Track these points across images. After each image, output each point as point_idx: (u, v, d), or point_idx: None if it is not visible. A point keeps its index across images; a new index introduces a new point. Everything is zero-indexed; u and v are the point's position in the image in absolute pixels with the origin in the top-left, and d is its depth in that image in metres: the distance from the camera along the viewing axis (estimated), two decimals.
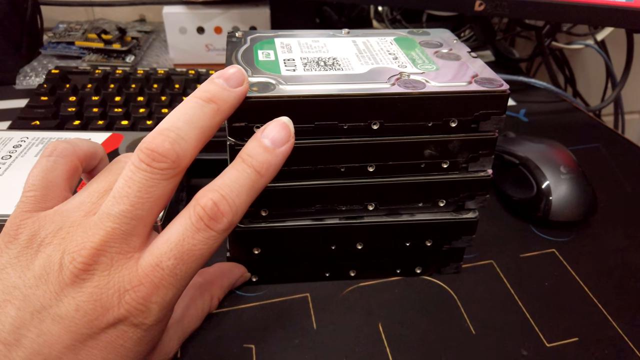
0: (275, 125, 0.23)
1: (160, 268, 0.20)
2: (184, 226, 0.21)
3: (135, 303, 0.20)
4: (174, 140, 0.20)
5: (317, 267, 0.31)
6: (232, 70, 0.23)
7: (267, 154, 0.22)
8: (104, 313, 0.20)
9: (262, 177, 0.22)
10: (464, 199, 0.29)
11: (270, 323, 0.29)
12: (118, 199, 0.20)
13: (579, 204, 0.36)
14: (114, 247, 0.20)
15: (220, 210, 0.21)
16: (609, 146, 0.47)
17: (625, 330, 0.29)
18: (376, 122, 0.26)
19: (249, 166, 0.22)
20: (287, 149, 0.23)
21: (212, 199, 0.21)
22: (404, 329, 0.29)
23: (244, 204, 0.22)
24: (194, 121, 0.21)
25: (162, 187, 0.21)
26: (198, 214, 0.21)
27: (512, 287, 0.32)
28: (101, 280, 0.20)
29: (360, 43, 0.31)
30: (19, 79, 0.52)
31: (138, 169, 0.20)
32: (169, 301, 0.21)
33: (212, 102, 0.22)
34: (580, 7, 0.47)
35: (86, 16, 0.66)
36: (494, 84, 0.26)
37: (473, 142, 0.27)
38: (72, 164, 0.24)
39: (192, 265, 0.21)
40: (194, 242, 0.21)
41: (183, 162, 0.21)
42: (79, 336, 0.20)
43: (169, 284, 0.21)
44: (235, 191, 0.21)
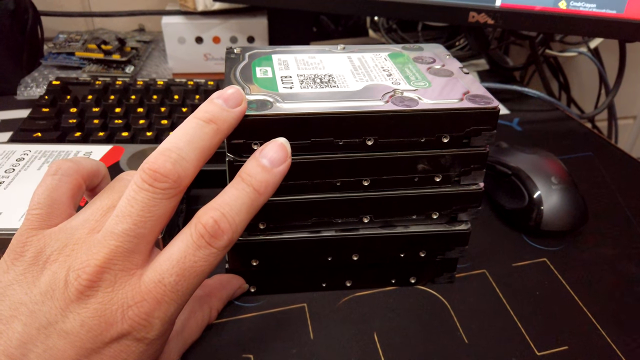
0: (273, 146, 0.24)
1: (163, 284, 0.21)
2: (185, 244, 0.22)
3: (138, 318, 0.21)
4: (175, 161, 0.21)
5: (314, 277, 0.32)
6: (230, 91, 0.24)
7: (265, 174, 0.23)
8: (108, 328, 0.21)
9: (260, 196, 0.23)
10: (456, 212, 0.30)
11: (269, 333, 0.30)
12: (121, 217, 0.21)
13: (569, 214, 0.36)
14: (117, 265, 0.21)
15: (221, 228, 0.22)
16: (601, 155, 0.47)
17: (614, 339, 0.30)
18: (371, 138, 0.27)
19: (248, 185, 0.23)
20: (284, 168, 0.24)
21: (213, 217, 0.22)
22: (399, 338, 0.30)
23: (244, 222, 0.23)
24: (194, 141, 0.22)
25: (164, 206, 0.21)
26: (199, 232, 0.21)
27: (504, 297, 0.32)
28: (105, 296, 0.21)
29: (355, 59, 0.32)
30: (20, 89, 0.52)
31: (140, 189, 0.21)
32: (170, 316, 0.22)
33: (212, 123, 0.23)
34: (572, 19, 0.48)
35: (86, 26, 0.67)
36: (485, 101, 0.27)
37: (465, 156, 0.28)
38: (76, 182, 0.25)
39: (193, 282, 0.22)
40: (195, 259, 0.21)
41: (184, 181, 0.22)
42: (83, 351, 0.21)
43: (170, 299, 0.21)
44: (236, 209, 0.22)
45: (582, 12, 0.47)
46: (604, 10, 0.47)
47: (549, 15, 0.48)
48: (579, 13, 0.47)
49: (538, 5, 0.48)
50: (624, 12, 0.47)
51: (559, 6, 0.48)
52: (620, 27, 0.47)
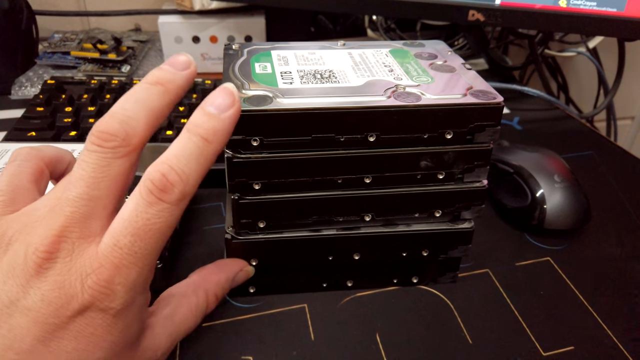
0: (219, 92, 0.23)
1: (118, 247, 0.20)
2: (135, 202, 0.21)
3: (98, 287, 0.20)
4: (121, 120, 0.21)
5: (315, 277, 0.31)
6: (179, 57, 0.24)
7: (212, 120, 0.22)
8: (69, 300, 0.20)
9: (210, 144, 0.22)
10: (459, 209, 0.30)
11: (269, 334, 0.29)
12: (74, 182, 0.21)
13: (573, 212, 0.36)
14: (74, 232, 0.20)
15: (170, 180, 0.21)
16: (602, 154, 0.47)
17: (620, 338, 0.29)
18: (372, 135, 0.26)
19: (195, 134, 0.22)
20: (232, 113, 0.23)
21: (160, 170, 0.21)
22: (401, 339, 0.29)
23: (195, 173, 0.22)
24: (140, 101, 0.22)
25: (117, 166, 0.21)
26: (147, 187, 0.21)
27: (508, 296, 0.32)
28: (63, 267, 0.20)
29: (356, 55, 0.31)
30: (15, 89, 0.52)
31: (90, 152, 0.21)
32: (133, 281, 0.21)
33: (159, 84, 0.23)
34: (572, 17, 0.47)
35: (81, 26, 0.66)
36: (489, 96, 0.27)
37: (468, 153, 0.28)
38: (37, 166, 0.24)
39: (151, 242, 0.21)
40: (147, 217, 0.21)
41: (134, 139, 0.21)
42: (47, 326, 0.20)
43: (129, 263, 0.21)
44: (184, 160, 0.21)
45: (582, 10, 0.47)
46: (604, 8, 0.47)
47: (548, 14, 0.48)
48: (579, 11, 0.47)
49: (538, 4, 0.48)
50: (625, 10, 0.46)
51: (559, 4, 0.47)
52: (621, 26, 0.47)
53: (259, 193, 0.27)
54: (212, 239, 0.35)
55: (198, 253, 0.34)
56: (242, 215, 0.28)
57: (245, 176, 0.27)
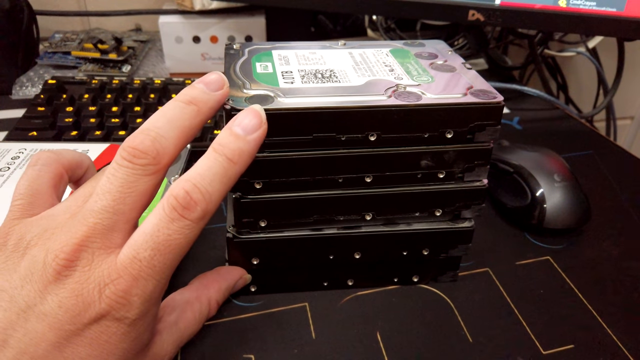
0: (247, 114, 0.23)
1: (138, 260, 0.21)
2: (158, 217, 0.21)
3: (116, 297, 0.20)
4: (154, 138, 0.21)
5: (316, 276, 0.31)
6: (212, 77, 0.24)
7: (239, 142, 0.23)
8: (86, 308, 0.20)
9: (235, 165, 0.22)
10: (460, 209, 0.30)
11: (269, 333, 0.29)
12: (100, 195, 0.21)
13: (573, 212, 0.36)
14: (96, 243, 0.21)
15: (193, 199, 0.21)
16: (602, 153, 0.47)
17: (620, 337, 0.30)
18: (373, 134, 0.26)
19: (221, 154, 0.22)
20: (259, 135, 0.23)
21: (184, 188, 0.21)
22: (402, 338, 0.29)
23: (218, 192, 0.22)
24: (173, 121, 0.22)
25: (144, 183, 0.21)
26: (171, 204, 0.21)
27: (508, 295, 0.32)
28: (82, 275, 0.20)
29: (356, 55, 0.31)
30: (15, 89, 0.52)
31: (120, 166, 0.21)
32: (149, 293, 0.21)
33: (192, 104, 0.23)
34: (572, 17, 0.47)
35: (82, 26, 0.66)
36: (489, 95, 0.27)
37: (468, 152, 0.28)
38: (57, 171, 0.25)
39: (170, 256, 0.21)
40: (169, 232, 0.21)
41: (164, 159, 0.22)
42: (63, 333, 0.20)
43: (147, 275, 0.21)
44: (208, 179, 0.22)
45: (582, 10, 0.47)
46: (603, 8, 0.47)
47: (548, 13, 0.48)
48: (579, 11, 0.47)
49: (538, 3, 0.48)
50: (624, 10, 0.46)
51: (558, 4, 0.48)
52: (620, 25, 0.47)
53: (260, 192, 0.27)
54: (213, 239, 0.35)
55: (199, 252, 0.34)
56: (243, 214, 0.28)
57: (247, 175, 0.27)
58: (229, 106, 0.25)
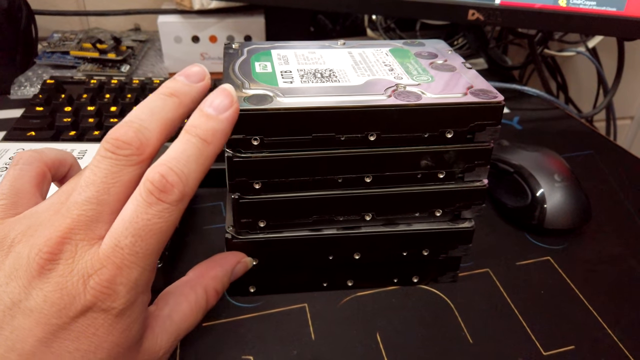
0: (218, 93, 0.23)
1: (120, 248, 0.21)
2: (135, 203, 0.21)
3: (100, 287, 0.20)
4: (137, 130, 0.21)
5: (315, 277, 0.31)
6: (193, 69, 0.24)
7: (210, 122, 0.22)
8: (72, 301, 0.20)
9: (209, 145, 0.22)
10: (460, 209, 0.29)
11: (269, 334, 0.29)
12: (84, 187, 0.21)
13: (573, 212, 0.36)
14: (79, 234, 0.21)
15: (169, 181, 0.21)
16: (602, 153, 0.47)
17: (620, 337, 0.29)
18: (373, 134, 0.26)
19: (194, 135, 0.22)
20: (230, 114, 0.23)
21: (159, 172, 0.21)
22: (402, 339, 0.29)
23: (194, 174, 0.22)
24: (155, 112, 0.22)
25: (128, 173, 0.21)
26: (147, 188, 0.21)
27: (509, 296, 0.32)
28: (66, 268, 0.20)
29: (356, 54, 0.31)
30: (14, 89, 0.52)
31: (104, 158, 0.21)
32: (135, 281, 0.21)
33: (174, 96, 0.23)
34: (572, 17, 0.47)
35: (81, 25, 0.66)
36: (489, 95, 0.27)
37: (469, 152, 0.28)
38: (39, 169, 0.25)
39: (152, 242, 0.21)
40: (148, 217, 0.21)
41: (147, 149, 0.22)
42: (49, 327, 0.20)
43: (130, 262, 0.21)
44: (183, 161, 0.21)
45: (582, 9, 0.47)
46: (603, 7, 0.47)
47: (548, 13, 0.48)
48: (579, 10, 0.47)
49: (538, 3, 0.48)
50: (624, 9, 0.46)
51: (558, 4, 0.47)
52: (621, 25, 0.47)
53: (259, 192, 0.27)
54: (212, 239, 0.35)
55: (198, 253, 0.34)
56: (242, 215, 0.28)
57: (246, 175, 0.27)
58: None
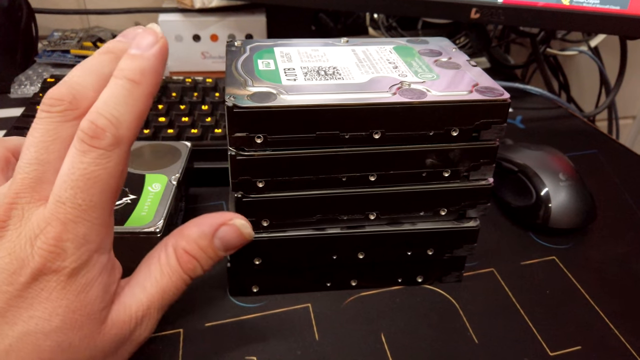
0: (141, 34, 0.23)
1: (61, 203, 0.20)
2: (71, 155, 0.21)
3: (47, 246, 0.20)
4: (69, 85, 0.21)
5: (319, 277, 0.31)
6: (133, 30, 0.24)
7: (136, 60, 0.22)
8: (21, 265, 0.20)
9: (138, 85, 0.22)
10: (465, 208, 0.29)
11: (272, 334, 0.29)
12: (25, 150, 0.21)
13: (578, 211, 0.36)
14: (24, 198, 0.20)
15: (99, 126, 0.20)
16: (606, 152, 0.47)
17: (627, 338, 0.29)
18: (377, 132, 0.26)
19: (121, 78, 0.22)
20: (157, 50, 0.22)
21: (88, 119, 0.21)
22: (407, 339, 0.29)
23: (126, 115, 0.21)
24: (89, 68, 0.22)
25: (66, 129, 0.21)
26: (79, 138, 0.21)
27: (514, 295, 0.32)
28: (14, 232, 0.20)
29: (359, 52, 0.31)
30: (14, 87, 0.51)
31: (39, 118, 0.21)
32: (82, 236, 0.21)
33: (109, 52, 0.23)
34: (574, 15, 0.47)
35: (81, 24, 0.66)
36: (495, 92, 0.26)
37: (474, 151, 0.27)
38: (2, 154, 0.25)
39: (93, 192, 0.21)
40: (83, 166, 0.20)
41: (82, 102, 0.21)
42: (2, 295, 0.20)
43: (74, 217, 0.20)
44: (111, 104, 0.21)
45: (585, 8, 0.47)
46: (607, 6, 0.46)
47: (551, 12, 0.47)
48: (582, 9, 0.47)
49: (541, 1, 0.47)
50: (628, 8, 0.46)
51: (561, 2, 0.47)
52: (624, 23, 0.47)
53: (263, 191, 0.27)
54: None
55: None
56: (245, 214, 0.27)
57: (249, 174, 0.26)
58: (230, 103, 0.24)
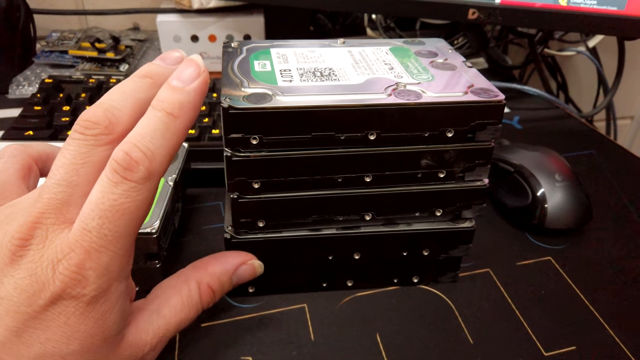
0: (184, 65, 0.23)
1: (87, 231, 0.20)
2: (101, 184, 0.20)
3: (69, 272, 0.20)
4: (106, 109, 0.21)
5: (314, 277, 0.31)
6: (172, 54, 0.24)
7: (177, 94, 0.22)
8: (41, 288, 0.20)
9: (176, 119, 0.22)
10: (460, 209, 0.29)
11: (268, 335, 0.29)
12: (54, 171, 0.21)
13: (574, 212, 0.36)
14: (50, 219, 0.20)
15: (134, 158, 0.20)
16: (602, 153, 0.47)
17: (622, 338, 0.29)
18: (373, 133, 0.26)
19: (159, 110, 0.21)
20: (198, 85, 0.22)
21: (123, 149, 0.20)
22: (402, 339, 0.29)
23: (161, 149, 0.21)
24: (127, 92, 0.22)
25: (97, 154, 0.21)
26: (112, 167, 0.20)
27: (509, 296, 0.32)
28: (36, 254, 0.20)
29: (356, 53, 0.31)
30: (12, 88, 0.51)
31: (72, 139, 0.21)
32: (105, 266, 0.20)
33: (147, 77, 0.23)
34: (571, 15, 0.47)
35: (79, 25, 0.66)
36: (490, 94, 0.27)
37: (469, 151, 0.27)
38: (25, 162, 0.24)
39: (120, 223, 0.20)
40: (114, 197, 0.20)
41: (117, 128, 0.21)
42: (20, 316, 0.20)
43: (99, 246, 0.20)
44: (148, 137, 0.21)
45: (582, 8, 0.47)
46: (604, 6, 0.46)
47: (549, 12, 0.47)
48: (579, 10, 0.47)
49: (538, 2, 0.47)
50: (625, 8, 0.46)
51: (559, 3, 0.47)
52: (621, 24, 0.47)
53: (259, 192, 0.27)
54: (211, 239, 0.35)
55: (197, 253, 0.34)
56: (241, 215, 0.28)
57: (245, 175, 0.26)
58: (226, 104, 0.24)
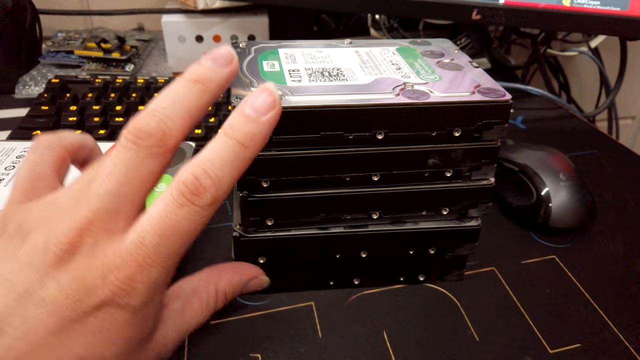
0: (259, 93, 0.22)
1: (144, 246, 0.20)
2: (165, 203, 0.20)
3: (120, 283, 0.20)
4: (159, 119, 0.21)
5: (322, 275, 0.31)
6: (220, 51, 0.23)
7: (250, 124, 0.22)
8: (88, 294, 0.20)
9: (246, 149, 0.21)
10: (466, 207, 0.30)
11: (276, 332, 0.29)
12: (104, 178, 0.20)
13: (578, 211, 0.36)
14: (99, 227, 0.20)
15: (202, 184, 0.20)
16: (606, 153, 0.47)
17: (626, 336, 0.30)
18: (381, 132, 0.26)
19: (232, 138, 0.21)
20: (272, 116, 0.22)
21: (193, 173, 0.20)
22: (409, 337, 0.29)
23: (228, 178, 0.21)
24: (179, 100, 0.21)
25: (149, 165, 0.21)
26: (180, 189, 0.20)
27: (514, 294, 0.32)
28: (85, 260, 0.20)
29: (363, 53, 0.31)
30: (18, 88, 0.52)
31: (124, 148, 0.21)
32: (154, 280, 0.21)
33: (199, 83, 0.22)
34: (575, 16, 0.47)
35: (85, 25, 0.66)
36: (497, 94, 0.27)
37: (476, 151, 0.28)
38: (59, 154, 0.24)
39: (177, 243, 0.21)
40: (176, 219, 0.20)
41: (170, 140, 0.21)
42: (63, 320, 0.20)
43: (153, 262, 0.20)
44: (218, 164, 0.21)
45: (586, 9, 0.47)
46: (608, 7, 0.47)
47: (552, 13, 0.48)
48: (583, 10, 0.47)
49: (542, 3, 0.48)
50: (628, 9, 0.46)
51: (562, 3, 0.48)
52: (625, 24, 0.47)
53: (268, 191, 0.27)
54: (218, 238, 0.35)
55: (204, 251, 0.34)
56: (250, 213, 0.28)
57: (254, 173, 0.27)
58: (236, 104, 0.25)
